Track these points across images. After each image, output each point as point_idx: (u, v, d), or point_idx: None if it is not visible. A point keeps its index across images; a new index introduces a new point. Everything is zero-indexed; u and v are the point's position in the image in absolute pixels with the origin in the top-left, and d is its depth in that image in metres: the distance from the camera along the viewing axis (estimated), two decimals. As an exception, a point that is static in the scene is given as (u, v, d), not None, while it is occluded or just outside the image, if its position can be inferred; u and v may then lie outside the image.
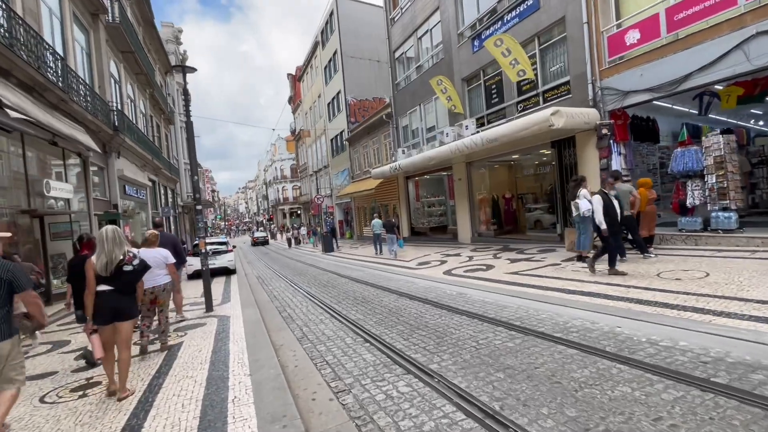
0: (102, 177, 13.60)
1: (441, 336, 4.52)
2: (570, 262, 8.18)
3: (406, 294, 7.30)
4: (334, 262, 15.44)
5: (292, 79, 46.26)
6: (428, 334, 4.64)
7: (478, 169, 14.77)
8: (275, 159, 67.70)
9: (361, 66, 28.06)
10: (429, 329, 4.86)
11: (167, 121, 28.01)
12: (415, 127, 18.26)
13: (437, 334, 4.63)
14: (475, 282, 7.67)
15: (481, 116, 13.66)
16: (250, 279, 12.82)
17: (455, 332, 4.61)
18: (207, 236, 7.46)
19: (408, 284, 8.44)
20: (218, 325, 6.35)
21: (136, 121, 18.41)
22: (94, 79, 13.73)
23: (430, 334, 4.64)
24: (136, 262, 3.63)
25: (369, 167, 23.77)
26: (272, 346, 4.87)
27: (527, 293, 6.15)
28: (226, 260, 14.22)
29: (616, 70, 8.97)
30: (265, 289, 10.35)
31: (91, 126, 12.11)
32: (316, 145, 36.06)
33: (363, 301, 7.13)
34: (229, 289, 10.60)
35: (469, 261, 10.48)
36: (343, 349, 4.50)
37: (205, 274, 7.59)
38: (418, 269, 10.49)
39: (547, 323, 4.55)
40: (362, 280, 9.76)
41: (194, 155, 7.44)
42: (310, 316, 6.53)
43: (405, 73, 18.78)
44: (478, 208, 14.76)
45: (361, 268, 12.27)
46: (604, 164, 9.19)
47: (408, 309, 6.13)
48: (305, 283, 10.56)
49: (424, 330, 4.85)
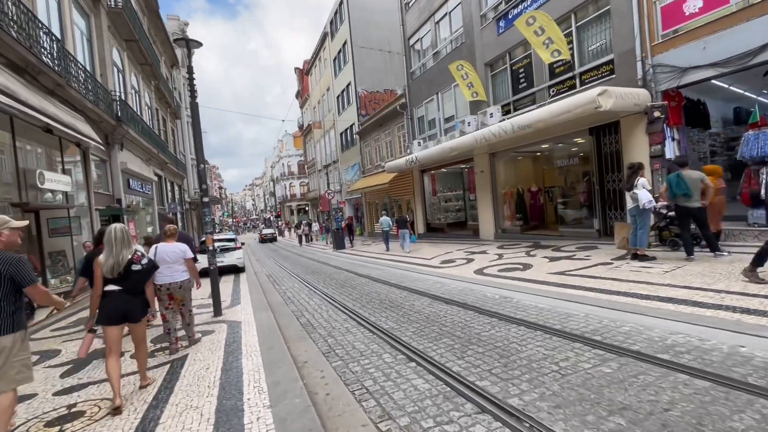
0: (104, 170, 12.87)
1: (504, 354, 3.64)
2: (622, 260, 7.23)
3: (440, 297, 6.42)
4: (348, 259, 14.61)
5: (299, 73, 45.42)
6: (487, 351, 3.76)
7: (502, 161, 13.80)
8: (282, 155, 67.07)
9: (372, 56, 27.09)
10: (484, 344, 3.98)
11: (173, 116, 27.33)
12: (431, 118, 17.30)
13: (498, 351, 3.75)
14: (515, 283, 6.77)
15: (506, 103, 12.69)
16: (261, 278, 12.03)
17: (521, 349, 3.72)
18: (215, 232, 6.63)
19: (437, 285, 7.56)
20: (228, 332, 5.53)
21: (141, 113, 17.69)
22: (95, 66, 12.98)
23: (489, 352, 3.75)
24: (144, 261, 3.51)
25: (381, 161, 22.87)
26: (294, 362, 4.03)
27: (587, 298, 5.24)
28: (234, 258, 13.47)
29: (672, 44, 7.97)
30: (277, 290, 9.54)
31: (92, 115, 11.36)
32: (324, 140, 35.23)
33: (391, 306, 6.26)
34: (238, 289, 9.81)
35: (499, 259, 9.56)
36: (384, 370, 3.63)
37: (213, 273, 6.78)
38: (442, 268, 9.61)
39: (638, 339, 3.65)
40: (383, 279, 8.90)
41: (200, 139, 6.61)
42: (333, 323, 5.68)
43: (421, 60, 17.81)
44: (502, 203, 13.81)
45: (378, 267, 11.41)
46: (656, 151, 8.20)
47: (448, 316, 5.25)
48: (321, 282, 9.73)
49: (479, 345, 3.97)
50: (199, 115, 6.74)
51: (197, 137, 6.65)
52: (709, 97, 9.62)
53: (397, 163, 17.08)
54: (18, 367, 2.60)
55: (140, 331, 3.64)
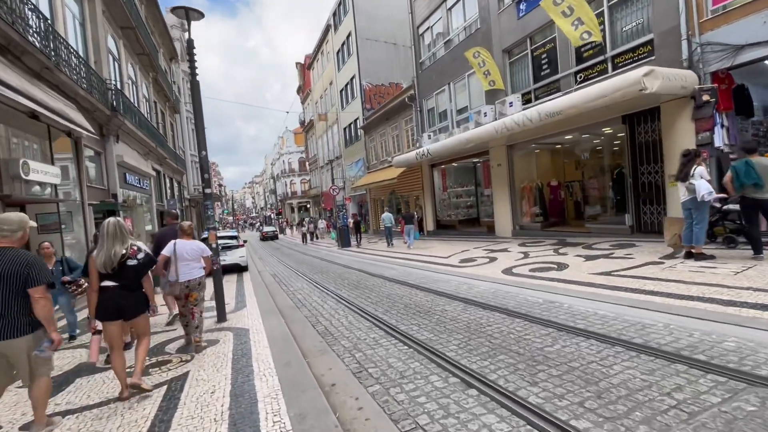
0: (98, 163, 12.09)
1: (589, 379, 2.89)
2: (674, 259, 6.48)
3: (473, 300, 5.67)
4: (356, 258, 13.86)
5: (300, 68, 44.57)
6: (563, 374, 3.01)
7: (520, 154, 13.03)
8: (283, 152, 66.23)
9: (377, 49, 26.29)
10: (556, 364, 3.22)
11: (172, 110, 26.50)
12: (442, 110, 16.52)
13: (578, 374, 2.99)
14: (555, 285, 6.02)
15: (526, 92, 11.91)
16: (266, 278, 11.28)
17: (607, 372, 2.96)
18: (216, 227, 5.89)
19: (464, 287, 6.80)
20: (235, 343, 4.78)
21: (138, 105, 16.89)
22: (88, 52, 12.18)
23: (566, 375, 3.00)
24: (140, 256, 3.40)
25: (387, 156, 22.10)
26: (319, 385, 3.28)
27: (653, 303, 4.49)
28: (237, 256, 12.73)
29: (725, 19, 7.19)
30: (285, 291, 8.78)
31: (85, 104, 10.58)
32: (327, 136, 34.42)
33: (419, 311, 5.51)
34: (242, 290, 9.05)
35: (525, 258, 8.81)
36: (439, 400, 2.87)
37: (217, 274, 6.02)
38: (463, 267, 8.86)
39: (760, 359, 2.90)
40: (401, 280, 8.14)
41: (201, 123, 5.84)
42: (356, 332, 4.92)
43: (431, 50, 17.00)
44: (520, 198, 13.05)
45: (391, 266, 10.66)
46: (704, 138, 7.44)
47: (492, 324, 4.50)
48: (331, 283, 8.97)
49: (549, 365, 3.21)
50: (200, 96, 5.97)
51: (199, 120, 5.87)
52: (751, 81, 8.84)
53: (407, 157, 16.30)
54: (44, 362, 2.72)
55: (141, 325, 3.54)
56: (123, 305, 3.30)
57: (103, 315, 3.29)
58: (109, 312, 3.28)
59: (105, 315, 3.29)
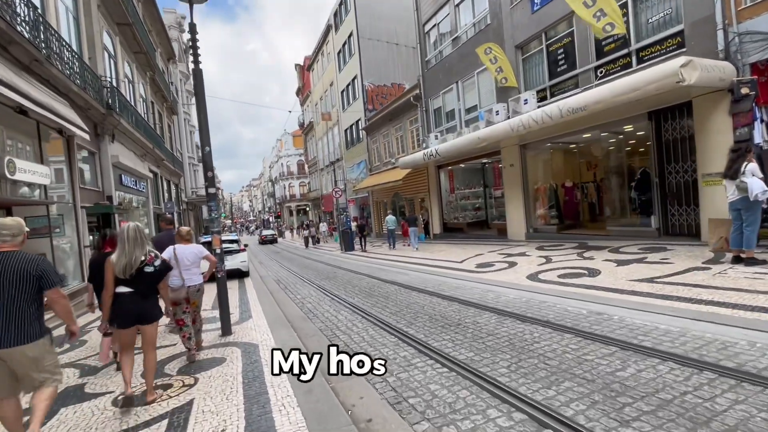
0: (93, 163, 11.49)
1: (698, 420, 2.33)
2: (721, 264, 5.97)
3: (506, 311, 5.12)
4: (362, 262, 13.29)
5: (300, 69, 44.09)
6: (661, 412, 2.45)
7: (534, 154, 12.53)
8: (281, 155, 65.67)
9: (379, 49, 25.85)
10: (643, 396, 2.67)
11: (170, 111, 25.91)
12: (450, 109, 16.03)
13: (681, 413, 2.43)
14: (593, 294, 5.49)
15: (542, 88, 11.42)
16: (269, 284, 10.69)
17: (720, 409, 2.41)
18: (221, 231, 5.37)
19: (490, 295, 6.26)
20: (244, 362, 4.21)
21: (135, 105, 16.31)
22: (82, 47, 11.61)
23: (665, 413, 2.44)
24: (157, 263, 3.39)
25: (391, 157, 21.59)
26: (352, 421, 2.72)
27: (719, 316, 3.96)
28: (238, 261, 12.15)
29: (765, 7, 6.72)
30: (292, 299, 8.20)
31: (79, 101, 10.02)
32: (327, 137, 33.90)
33: (448, 324, 4.95)
34: (246, 298, 8.47)
35: (547, 263, 8.27)
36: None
37: (222, 283, 5.44)
38: (481, 273, 8.32)
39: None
40: (417, 287, 7.59)
41: (205, 115, 5.27)
42: (382, 348, 4.36)
43: (438, 47, 16.53)
44: (534, 199, 12.54)
45: (403, 271, 10.10)
46: (743, 134, 6.94)
47: (540, 341, 3.95)
48: (341, 290, 8.39)
49: (636, 398, 2.66)
50: (203, 85, 5.41)
51: (202, 114, 5.32)
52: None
53: (414, 158, 15.78)
54: (52, 370, 2.63)
55: (151, 335, 3.43)
56: (139, 311, 3.29)
57: (121, 322, 3.29)
58: (126, 319, 3.28)
59: (123, 322, 3.29)
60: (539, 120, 9.41)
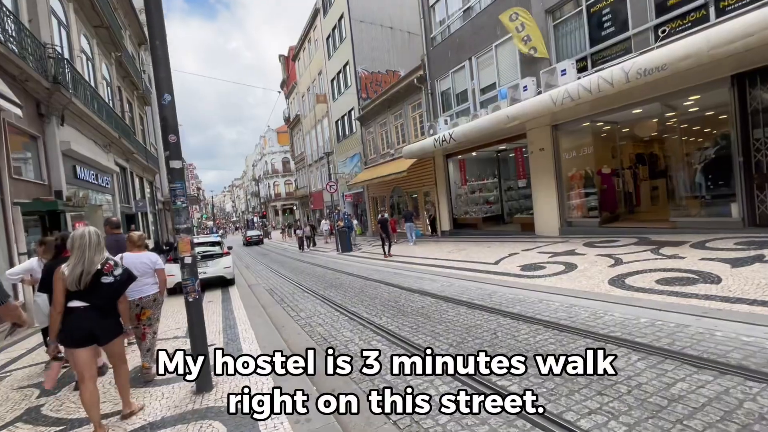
0: (34, 150, 9.24)
1: None
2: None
3: (634, 344, 3.33)
4: (368, 265, 11.38)
5: (284, 60, 41.67)
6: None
7: (567, 135, 10.83)
8: (265, 152, 63.07)
9: (372, 33, 23.93)
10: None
11: (142, 101, 23.35)
12: (461, 90, 14.23)
13: None
14: (743, 311, 3.76)
15: (581, 57, 9.72)
16: (260, 295, 8.67)
17: None
18: (193, 231, 3.57)
19: (583, 313, 4.47)
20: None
21: (96, 87, 13.97)
22: (20, 7, 9.34)
23: None
24: (118, 272, 2.94)
25: (389, 148, 19.71)
26: None
27: None
28: (221, 267, 10.11)
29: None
30: (293, 317, 6.24)
31: (12, 69, 7.85)
32: (316, 130, 31.76)
33: (569, 374, 3.11)
34: (232, 317, 6.46)
35: (619, 264, 6.53)
36: None
37: (194, 308, 3.46)
38: (534, 278, 6.55)
39: None
40: (459, 299, 5.76)
41: (164, 42, 3.29)
42: (480, 429, 2.49)
43: (446, 22, 14.70)
44: (568, 188, 10.86)
45: (422, 275, 8.27)
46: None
47: (703, 393, 2.15)
48: (358, 304, 6.47)
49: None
50: (161, 6, 3.40)
51: (157, 37, 3.33)
52: None
53: (422, 145, 13.92)
54: None
55: (117, 351, 3.04)
56: (94, 330, 2.84)
57: (70, 341, 2.82)
58: (77, 338, 2.81)
59: (72, 341, 2.82)
60: (593, 88, 7.69)
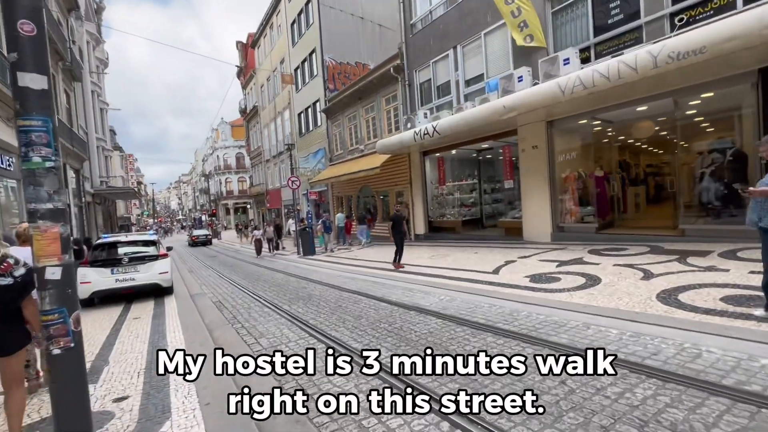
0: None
1: None
2: None
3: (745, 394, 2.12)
4: (337, 272, 9.79)
5: (242, 47, 38.75)
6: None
7: (564, 132, 9.94)
8: (217, 146, 58.87)
9: (342, 21, 22.32)
10: None
11: (69, 75, 19.98)
12: (443, 81, 13.08)
13: None
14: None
15: (584, 47, 8.86)
16: (206, 311, 6.78)
17: None
18: (72, 216, 1.59)
19: (667, 351, 3.27)
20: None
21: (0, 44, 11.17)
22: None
23: None
24: (18, 273, 2.47)
25: (358, 144, 18.19)
26: None
27: None
28: (155, 273, 8.07)
29: None
30: (250, 345, 4.53)
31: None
32: (276, 123, 29.45)
33: None
34: (163, 342, 4.62)
35: (652, 278, 5.51)
36: None
37: (63, 372, 1.76)
38: (551, 292, 5.39)
39: None
40: (470, 320, 4.43)
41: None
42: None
43: (428, 7, 13.51)
44: (561, 191, 9.98)
45: (410, 286, 6.84)
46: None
47: None
48: (340, 326, 4.89)
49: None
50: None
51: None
52: None
53: (400, 139, 12.55)
54: None
55: (14, 370, 2.59)
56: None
57: None
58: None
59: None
60: (613, 75, 6.73)
